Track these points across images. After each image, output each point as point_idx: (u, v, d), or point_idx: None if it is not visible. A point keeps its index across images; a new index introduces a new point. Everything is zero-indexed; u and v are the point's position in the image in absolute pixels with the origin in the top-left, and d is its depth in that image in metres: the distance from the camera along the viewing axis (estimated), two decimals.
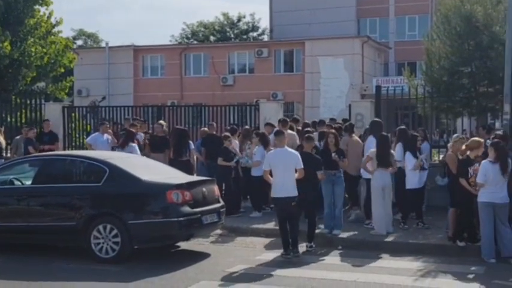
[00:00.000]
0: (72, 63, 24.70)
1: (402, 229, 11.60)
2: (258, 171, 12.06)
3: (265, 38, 52.93)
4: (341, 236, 11.11)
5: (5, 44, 20.79)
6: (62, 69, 23.97)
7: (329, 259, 9.96)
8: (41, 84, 24.92)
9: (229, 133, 13.98)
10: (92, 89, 40.37)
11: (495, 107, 18.17)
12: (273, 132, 11.76)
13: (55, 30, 23.89)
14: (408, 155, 11.72)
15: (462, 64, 18.89)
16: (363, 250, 10.44)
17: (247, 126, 15.60)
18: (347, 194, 12.39)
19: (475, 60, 18.77)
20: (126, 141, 13.49)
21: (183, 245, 10.69)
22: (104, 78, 40.93)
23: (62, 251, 10.09)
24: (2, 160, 14.39)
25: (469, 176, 10.01)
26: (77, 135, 18.17)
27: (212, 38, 55.05)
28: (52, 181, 10.14)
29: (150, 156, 13.28)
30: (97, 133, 15.05)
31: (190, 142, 14.19)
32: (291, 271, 9.03)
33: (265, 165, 10.09)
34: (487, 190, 9.59)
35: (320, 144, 12.26)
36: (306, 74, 39.02)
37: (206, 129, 15.30)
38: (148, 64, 42.54)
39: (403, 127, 12.84)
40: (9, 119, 18.55)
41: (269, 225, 12.02)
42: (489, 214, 9.62)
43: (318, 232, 10.91)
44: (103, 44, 48.19)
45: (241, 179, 13.78)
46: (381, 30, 46.24)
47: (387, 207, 11.35)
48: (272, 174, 9.90)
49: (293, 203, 9.78)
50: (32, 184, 10.22)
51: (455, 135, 12.31)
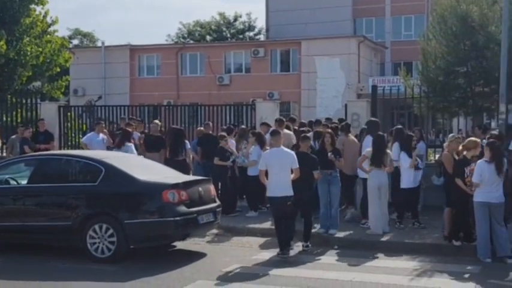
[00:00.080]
0: (68, 62, 24.66)
1: (398, 229, 11.61)
2: (254, 170, 12.03)
3: (261, 38, 52.88)
4: (337, 236, 11.12)
5: (1, 43, 20.74)
6: (58, 68, 23.93)
7: (325, 259, 9.97)
8: (37, 83, 24.91)
9: (225, 133, 13.99)
10: (88, 89, 40.23)
11: (491, 107, 18.20)
12: (269, 131, 11.76)
13: (51, 29, 23.81)
14: (403, 155, 11.74)
15: (458, 64, 18.94)
16: (359, 250, 10.45)
17: (243, 125, 15.62)
18: (343, 194, 12.39)
19: (471, 60, 18.83)
20: (122, 140, 13.48)
21: (179, 245, 10.68)
22: (100, 77, 40.85)
23: (57, 251, 10.07)
24: None
25: (466, 176, 10.02)
26: (73, 134, 18.17)
27: (208, 38, 54.95)
28: (48, 181, 10.13)
29: (145, 155, 13.28)
30: (92, 133, 15.02)
31: (186, 142, 14.21)
32: (287, 270, 9.03)
33: (261, 164, 10.09)
34: (483, 190, 9.60)
35: (315, 143, 12.27)
36: (302, 74, 38.98)
37: (202, 128, 15.30)
38: (144, 64, 42.45)
39: (400, 127, 12.84)
40: (4, 119, 18.55)
41: (265, 224, 12.03)
42: (485, 214, 9.63)
43: (314, 232, 10.92)
44: (99, 44, 48.04)
45: (237, 179, 13.79)
46: (377, 30, 46.23)
47: (383, 207, 11.37)
48: (268, 173, 9.91)
49: (289, 203, 9.80)
50: (28, 184, 10.20)
51: (451, 135, 12.31)
